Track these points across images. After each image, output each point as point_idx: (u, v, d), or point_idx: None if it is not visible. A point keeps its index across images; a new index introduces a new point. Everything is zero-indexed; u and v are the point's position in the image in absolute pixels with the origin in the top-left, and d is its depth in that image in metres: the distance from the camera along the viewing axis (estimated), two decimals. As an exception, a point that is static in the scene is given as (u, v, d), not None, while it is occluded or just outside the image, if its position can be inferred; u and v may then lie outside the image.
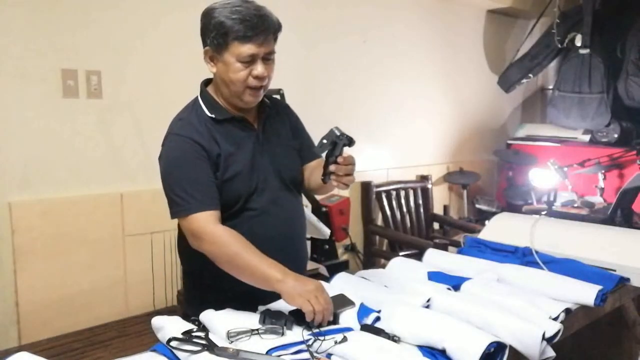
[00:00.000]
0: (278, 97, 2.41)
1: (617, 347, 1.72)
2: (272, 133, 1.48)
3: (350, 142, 1.29)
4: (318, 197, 2.91)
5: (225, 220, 1.33)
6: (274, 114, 1.51)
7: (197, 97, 1.44)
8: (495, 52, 4.53)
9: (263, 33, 1.31)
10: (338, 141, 1.28)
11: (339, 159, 1.29)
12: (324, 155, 1.32)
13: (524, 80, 4.28)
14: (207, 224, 1.29)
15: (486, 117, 4.58)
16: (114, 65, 2.47)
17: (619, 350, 1.72)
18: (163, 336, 1.12)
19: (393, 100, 3.76)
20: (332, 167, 1.30)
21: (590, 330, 1.55)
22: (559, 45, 3.98)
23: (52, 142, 2.34)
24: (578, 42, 3.86)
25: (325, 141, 1.29)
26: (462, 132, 4.35)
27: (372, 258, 3.53)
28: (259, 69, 1.33)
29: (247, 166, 1.38)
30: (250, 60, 1.32)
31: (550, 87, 4.47)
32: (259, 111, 1.47)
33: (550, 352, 1.17)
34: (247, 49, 1.30)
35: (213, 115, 1.39)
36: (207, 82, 1.45)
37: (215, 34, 1.33)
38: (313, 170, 1.52)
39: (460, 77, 4.27)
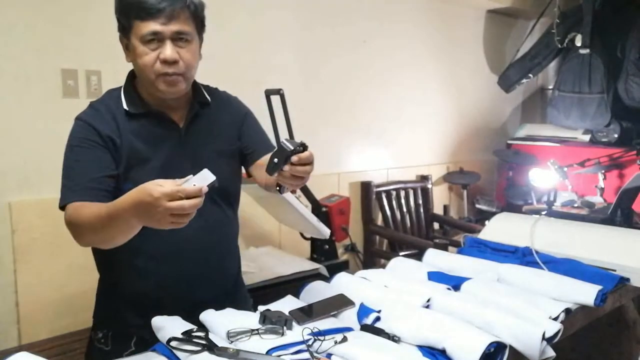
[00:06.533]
0: (278, 97, 2.39)
1: (617, 347, 1.72)
2: (201, 133, 1.32)
3: (304, 147, 1.10)
4: (318, 197, 2.91)
5: None
6: (212, 110, 1.36)
7: (120, 87, 1.32)
8: (495, 52, 4.53)
9: (168, 8, 1.16)
10: (293, 154, 1.09)
11: (293, 158, 1.08)
12: (275, 175, 1.11)
13: (524, 80, 4.28)
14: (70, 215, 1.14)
15: (486, 117, 4.58)
16: (114, 65, 2.46)
17: (619, 350, 1.71)
18: (163, 336, 1.12)
19: (393, 100, 3.76)
20: (286, 168, 1.09)
21: (590, 330, 1.55)
22: (559, 45, 3.98)
23: (52, 142, 2.33)
24: (578, 42, 3.85)
25: (276, 160, 1.08)
26: (462, 132, 4.35)
27: (372, 258, 3.53)
28: (166, 51, 1.17)
29: (156, 168, 1.22)
30: (156, 41, 1.18)
31: (550, 87, 4.48)
32: (189, 107, 1.32)
33: (550, 352, 1.17)
34: (148, 26, 1.16)
35: (128, 109, 1.26)
36: (135, 74, 1.32)
37: (118, 15, 1.23)
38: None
39: (460, 77, 4.27)
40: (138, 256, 1.30)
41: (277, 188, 1.20)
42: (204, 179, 0.98)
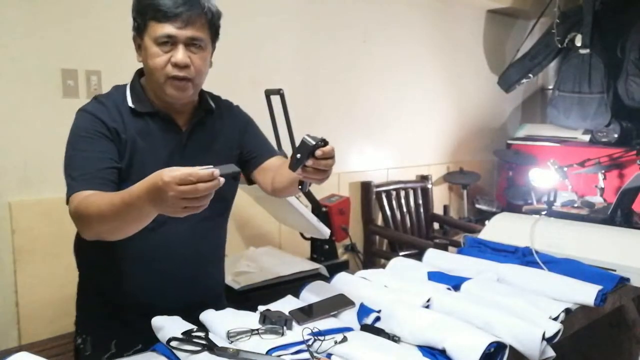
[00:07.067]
0: (278, 97, 2.40)
1: (617, 347, 1.72)
2: (203, 139, 1.33)
3: (325, 142, 1.11)
4: (318, 197, 2.91)
5: None
6: (215, 118, 1.36)
7: (126, 84, 1.32)
8: (495, 52, 4.53)
9: (185, 13, 1.16)
10: (316, 149, 1.09)
11: (317, 152, 1.08)
12: (299, 171, 1.12)
13: (524, 80, 4.28)
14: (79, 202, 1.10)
15: (486, 117, 4.58)
16: (114, 65, 2.47)
17: (619, 350, 1.71)
18: (163, 336, 1.12)
19: (393, 100, 3.76)
20: (309, 163, 1.09)
21: (590, 331, 1.55)
22: (559, 45, 3.98)
23: (52, 142, 2.33)
24: (578, 42, 3.86)
25: (299, 156, 1.09)
26: (462, 132, 4.35)
27: (372, 258, 3.53)
28: (178, 55, 1.18)
29: (155, 170, 1.19)
30: (169, 44, 1.18)
31: (550, 87, 4.47)
32: (194, 112, 1.33)
33: (550, 352, 1.17)
34: (163, 29, 1.17)
35: (133, 106, 1.25)
36: (142, 73, 1.31)
37: (135, 15, 1.22)
38: (278, 170, 1.34)
39: (460, 77, 4.27)
40: (123, 260, 1.29)
41: (299, 186, 1.20)
42: (227, 170, 0.98)
